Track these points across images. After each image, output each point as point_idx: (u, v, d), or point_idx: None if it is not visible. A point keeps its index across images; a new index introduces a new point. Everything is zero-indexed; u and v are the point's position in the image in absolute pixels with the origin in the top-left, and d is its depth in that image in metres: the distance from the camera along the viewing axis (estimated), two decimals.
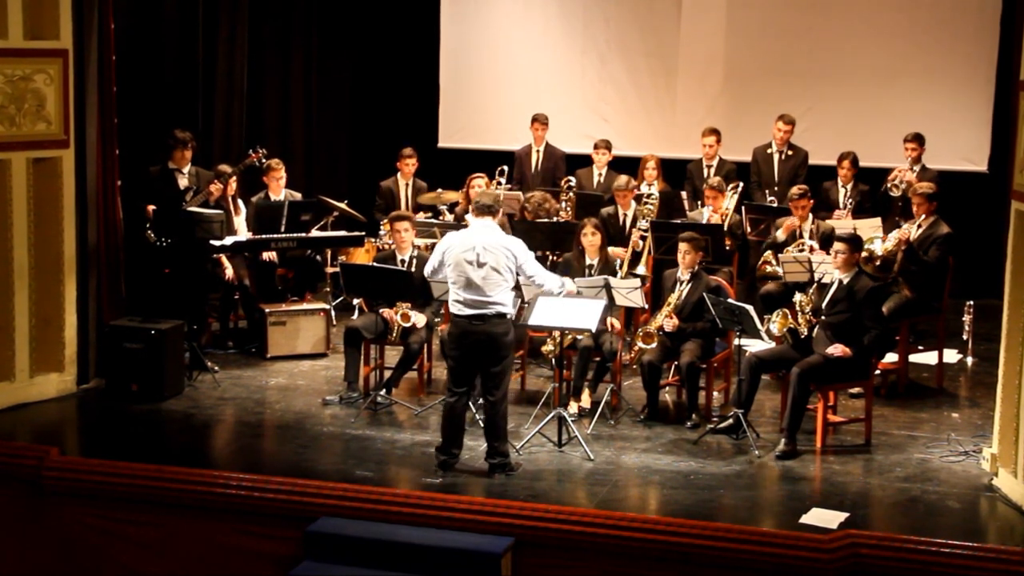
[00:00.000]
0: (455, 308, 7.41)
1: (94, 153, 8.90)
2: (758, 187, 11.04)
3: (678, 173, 11.39)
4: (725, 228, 9.83)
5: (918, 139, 10.42)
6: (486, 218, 7.46)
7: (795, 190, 9.70)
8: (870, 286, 8.07)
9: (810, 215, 9.62)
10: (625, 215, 10.10)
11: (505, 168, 10.86)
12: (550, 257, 9.79)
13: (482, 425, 7.70)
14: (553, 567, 6.77)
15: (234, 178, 9.88)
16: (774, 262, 9.37)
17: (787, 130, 11.01)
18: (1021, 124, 7.27)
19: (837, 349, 7.91)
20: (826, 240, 9.14)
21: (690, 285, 8.57)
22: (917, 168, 10.35)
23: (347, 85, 13.24)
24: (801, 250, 9.30)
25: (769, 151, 11.12)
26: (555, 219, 10.01)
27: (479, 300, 7.32)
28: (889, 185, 10.28)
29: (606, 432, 8.23)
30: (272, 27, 12.38)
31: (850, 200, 10.41)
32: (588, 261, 8.91)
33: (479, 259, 7.33)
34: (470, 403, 7.80)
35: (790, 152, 11.07)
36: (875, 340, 7.99)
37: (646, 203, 9.92)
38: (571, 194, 10.52)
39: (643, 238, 9.67)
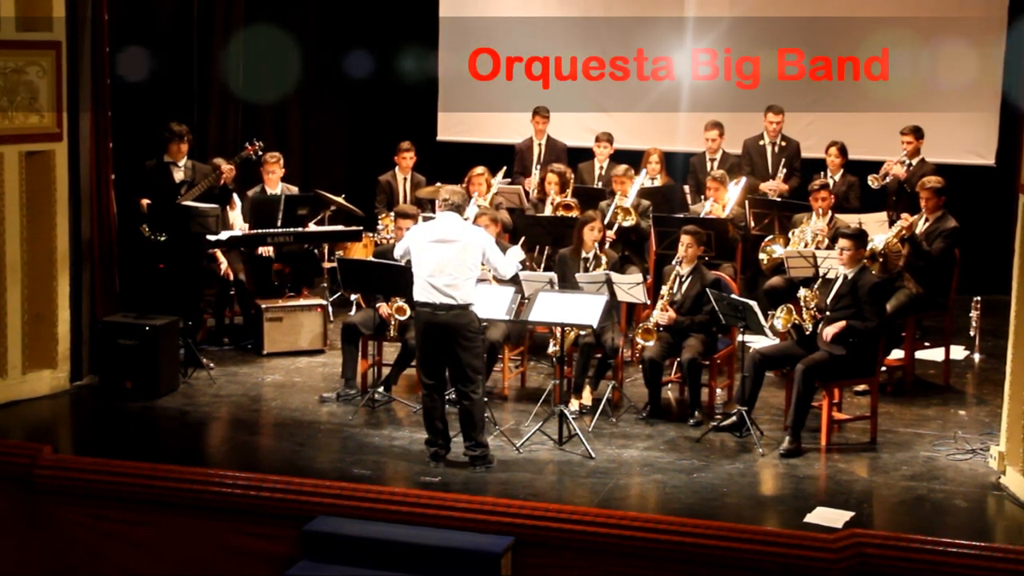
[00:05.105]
0: (420, 296, 7.40)
1: (87, 146, 8.84)
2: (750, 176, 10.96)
3: (681, 167, 11.30)
4: (726, 216, 9.73)
5: (915, 132, 10.27)
6: (452, 213, 7.55)
7: (816, 182, 9.58)
8: (873, 281, 8.00)
9: (831, 211, 9.47)
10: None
11: (505, 167, 10.81)
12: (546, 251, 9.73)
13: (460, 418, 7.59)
14: (553, 567, 6.70)
15: (232, 171, 9.78)
16: (776, 249, 9.29)
17: (778, 120, 10.96)
18: None
19: (833, 329, 7.81)
20: (833, 236, 9.05)
21: (689, 279, 8.48)
22: (914, 161, 10.24)
23: (345, 77, 13.14)
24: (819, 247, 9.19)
25: (761, 143, 11.07)
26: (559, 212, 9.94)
27: (446, 286, 7.30)
28: (869, 177, 10.16)
29: (607, 430, 8.15)
30: (269, 18, 12.28)
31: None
32: (584, 255, 8.83)
33: (448, 238, 7.38)
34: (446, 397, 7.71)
35: (783, 143, 10.99)
36: (869, 331, 7.85)
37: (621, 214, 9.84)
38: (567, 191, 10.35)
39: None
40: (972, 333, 9.85)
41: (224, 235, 9.45)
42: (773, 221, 9.79)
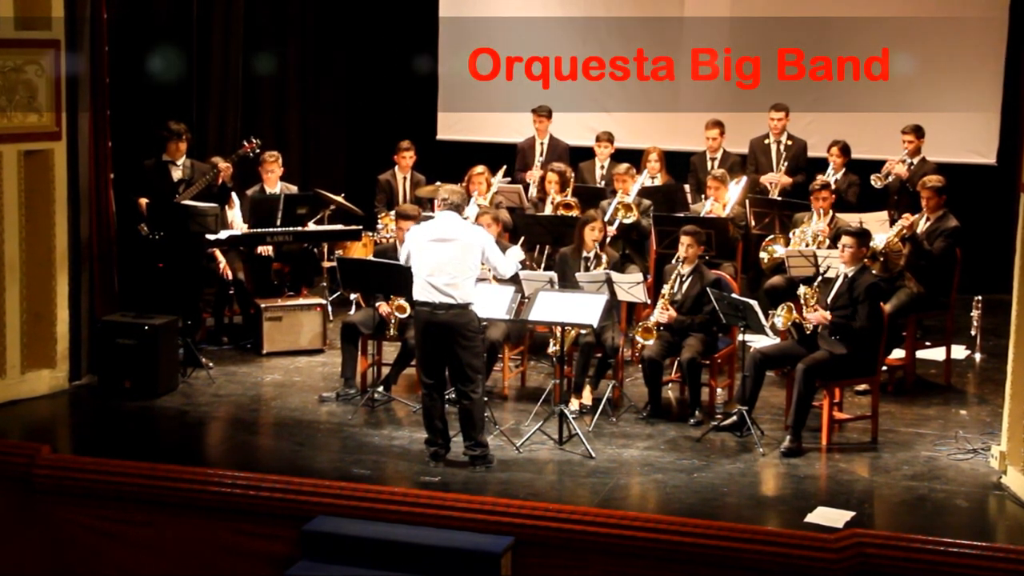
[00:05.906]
0: (419, 295, 7.40)
1: (86, 145, 8.82)
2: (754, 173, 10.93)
3: (681, 166, 11.28)
4: (726, 215, 9.72)
5: (916, 131, 10.26)
6: (452, 213, 7.54)
7: (817, 182, 9.57)
8: (870, 281, 7.97)
9: (831, 211, 9.45)
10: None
11: (505, 166, 10.78)
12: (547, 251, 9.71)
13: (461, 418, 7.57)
14: (553, 567, 6.68)
15: (229, 169, 9.76)
16: (777, 248, 9.28)
17: (780, 118, 10.92)
18: None
19: (817, 316, 7.82)
20: (835, 236, 9.03)
21: (690, 279, 8.46)
22: (915, 160, 10.22)
23: (344, 76, 13.12)
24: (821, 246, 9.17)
25: (767, 141, 11.04)
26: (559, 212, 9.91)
27: (445, 285, 7.29)
28: (872, 177, 10.15)
29: (608, 429, 8.12)
30: (268, 16, 12.25)
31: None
32: (585, 254, 8.81)
33: (447, 237, 7.37)
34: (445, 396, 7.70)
35: (789, 142, 10.97)
36: (854, 330, 7.82)
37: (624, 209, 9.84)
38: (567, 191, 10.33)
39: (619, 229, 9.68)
40: (973, 332, 9.82)
41: (223, 234, 9.43)
42: (774, 220, 9.77)
